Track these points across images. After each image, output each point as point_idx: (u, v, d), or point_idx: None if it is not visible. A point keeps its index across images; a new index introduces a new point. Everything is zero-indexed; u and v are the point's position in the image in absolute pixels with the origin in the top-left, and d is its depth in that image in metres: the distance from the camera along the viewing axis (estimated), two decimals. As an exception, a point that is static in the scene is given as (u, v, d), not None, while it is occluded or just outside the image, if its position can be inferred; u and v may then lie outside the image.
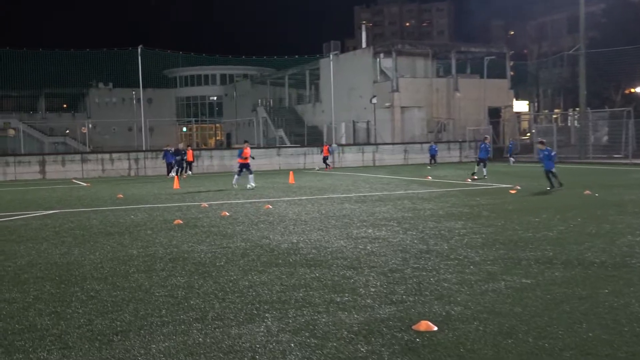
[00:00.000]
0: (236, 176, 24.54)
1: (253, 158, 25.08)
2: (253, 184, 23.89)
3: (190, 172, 37.92)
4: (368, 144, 48.94)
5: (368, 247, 10.08)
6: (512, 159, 42.28)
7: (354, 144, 48.55)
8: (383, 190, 21.71)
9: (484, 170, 27.66)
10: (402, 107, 51.72)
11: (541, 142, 21.60)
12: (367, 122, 53.34)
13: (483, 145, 28.12)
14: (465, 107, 53.50)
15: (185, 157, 37.30)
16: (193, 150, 39.85)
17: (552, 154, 20.68)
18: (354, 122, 54.69)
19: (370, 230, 11.87)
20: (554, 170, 20.56)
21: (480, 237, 10.87)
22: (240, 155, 23.92)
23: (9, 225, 14.09)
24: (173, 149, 37.10)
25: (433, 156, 42.02)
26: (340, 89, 55.59)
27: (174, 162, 36.42)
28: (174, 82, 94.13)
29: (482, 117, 53.36)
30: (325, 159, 40.99)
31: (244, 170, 23.86)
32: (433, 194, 19.91)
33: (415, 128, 52.37)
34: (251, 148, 29.32)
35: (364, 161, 45.64)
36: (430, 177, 28.42)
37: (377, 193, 20.57)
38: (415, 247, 10.06)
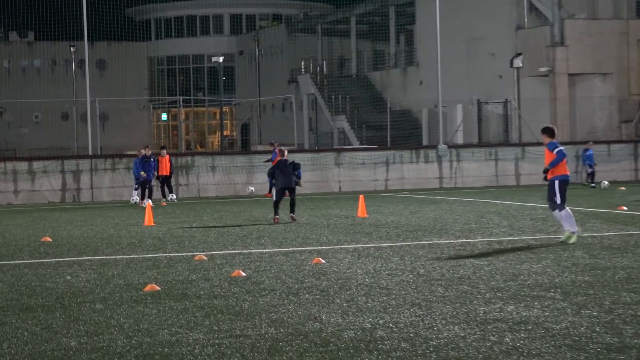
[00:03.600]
0: (563, 214, 20.09)
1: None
2: (570, 227, 19.96)
3: (173, 197, 38.34)
4: (506, 144, 48.97)
5: (507, 339, 10.14)
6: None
7: (480, 145, 49.24)
8: (535, 232, 21.69)
9: None
10: (571, 76, 51.58)
11: None
12: (505, 103, 53.42)
13: None
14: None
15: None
16: (170, 155, 40.44)
17: None
18: (479, 103, 54.73)
19: (510, 307, 11.97)
20: None
21: None
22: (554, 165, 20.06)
23: None
24: (150, 154, 37.01)
25: (591, 168, 42.86)
26: (453, 42, 55.66)
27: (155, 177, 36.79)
28: (146, 30, 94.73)
29: None
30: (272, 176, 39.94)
31: (561, 200, 20.08)
32: (631, 239, 19.94)
33: (597, 115, 52.14)
34: (284, 151, 28.45)
35: (498, 176, 46.15)
36: (625, 208, 28.71)
37: (523, 237, 20.64)
38: (597, 339, 10.03)
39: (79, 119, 66.69)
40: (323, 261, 16.94)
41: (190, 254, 18.75)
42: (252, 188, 42.00)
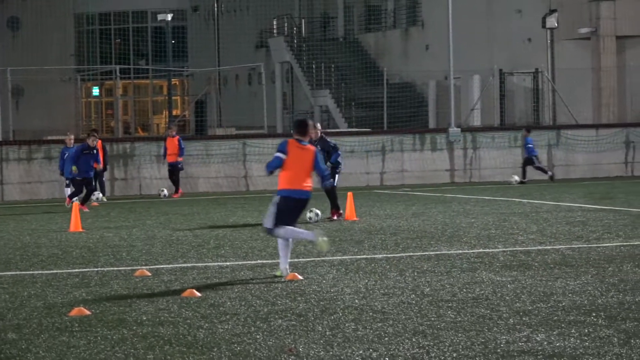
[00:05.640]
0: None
1: None
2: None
3: (99, 195, 36.35)
4: (537, 126, 48.06)
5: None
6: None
7: (502, 128, 47.96)
8: (572, 240, 21.39)
9: None
10: (619, 39, 50.36)
11: None
12: (535, 74, 52.13)
13: None
14: None
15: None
16: (104, 142, 38.44)
17: None
18: (502, 73, 53.49)
19: (540, 336, 11.60)
20: None
21: None
22: None
23: None
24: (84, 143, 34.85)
25: (531, 160, 42.01)
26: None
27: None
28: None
29: None
30: (173, 169, 38.73)
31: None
32: None
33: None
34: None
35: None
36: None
37: (557, 246, 20.49)
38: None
39: (-15, 95, 65.71)
40: (300, 277, 16.39)
41: (129, 268, 18.20)
42: (166, 192, 39.42)
